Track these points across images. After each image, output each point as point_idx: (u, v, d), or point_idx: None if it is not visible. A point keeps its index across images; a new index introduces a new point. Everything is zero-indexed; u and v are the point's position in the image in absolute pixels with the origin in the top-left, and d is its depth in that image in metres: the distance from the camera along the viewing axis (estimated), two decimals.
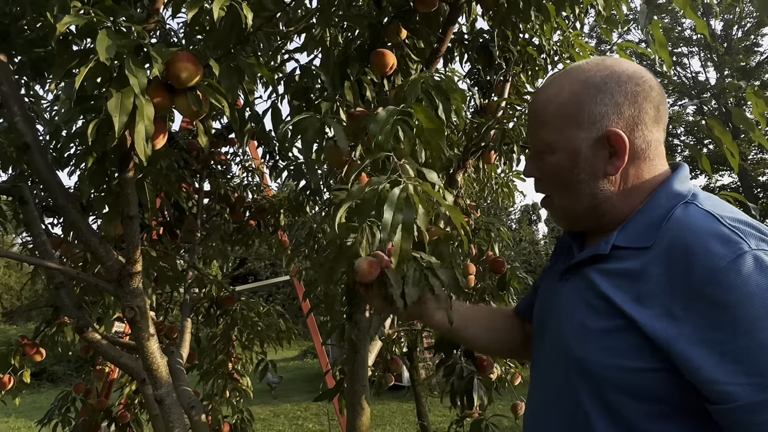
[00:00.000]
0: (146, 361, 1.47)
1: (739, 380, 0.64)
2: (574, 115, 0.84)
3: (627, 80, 0.84)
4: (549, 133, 0.87)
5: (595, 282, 0.82)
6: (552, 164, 0.88)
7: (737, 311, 0.65)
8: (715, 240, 0.70)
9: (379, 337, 2.05)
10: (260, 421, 9.57)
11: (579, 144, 0.84)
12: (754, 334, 0.64)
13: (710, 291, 0.67)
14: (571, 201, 0.89)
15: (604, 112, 0.83)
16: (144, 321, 1.45)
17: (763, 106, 1.50)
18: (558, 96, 0.87)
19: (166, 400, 1.50)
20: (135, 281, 1.42)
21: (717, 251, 0.68)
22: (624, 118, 0.83)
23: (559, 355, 0.86)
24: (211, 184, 3.14)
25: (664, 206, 0.81)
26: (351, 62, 1.54)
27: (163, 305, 2.91)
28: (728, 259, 0.67)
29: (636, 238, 0.80)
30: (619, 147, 0.82)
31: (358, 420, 1.75)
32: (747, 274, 0.66)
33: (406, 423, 8.70)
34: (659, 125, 0.86)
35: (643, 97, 0.84)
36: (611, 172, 0.84)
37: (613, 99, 0.82)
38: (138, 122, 1.07)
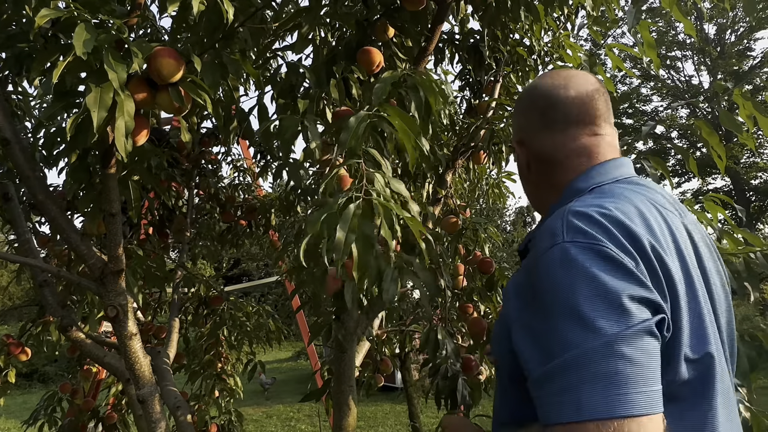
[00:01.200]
0: (128, 360, 1.45)
1: (533, 358, 0.68)
2: (515, 121, 0.99)
3: (525, 95, 0.96)
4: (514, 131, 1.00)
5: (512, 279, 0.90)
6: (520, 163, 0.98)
7: (540, 297, 0.69)
8: (546, 233, 0.73)
9: (367, 338, 2.04)
10: (252, 423, 9.54)
11: (519, 153, 0.96)
12: (548, 320, 0.67)
13: (529, 278, 0.73)
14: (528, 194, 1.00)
15: (521, 124, 0.95)
16: (127, 320, 1.43)
17: (750, 109, 1.50)
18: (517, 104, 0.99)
19: (149, 399, 1.48)
20: (118, 279, 1.40)
21: (542, 244, 0.73)
22: (521, 129, 0.94)
23: None
24: (202, 183, 3.12)
25: (556, 206, 0.85)
26: (338, 60, 1.53)
27: (151, 305, 2.89)
28: (543, 251, 0.71)
29: (527, 239, 0.88)
30: (523, 153, 0.94)
31: (344, 420, 1.74)
32: (549, 265, 0.69)
33: (399, 424, 8.69)
34: (554, 128, 0.89)
35: (527, 106, 0.93)
36: (534, 178, 0.94)
37: (527, 113, 0.93)
38: (118, 118, 1.05)
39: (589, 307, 0.63)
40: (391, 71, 1.31)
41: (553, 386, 0.63)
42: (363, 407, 10.31)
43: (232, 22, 1.13)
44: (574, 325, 0.63)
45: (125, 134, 1.06)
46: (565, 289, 0.66)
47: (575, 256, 0.67)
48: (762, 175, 20.04)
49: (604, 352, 0.61)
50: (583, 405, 0.60)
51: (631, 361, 0.61)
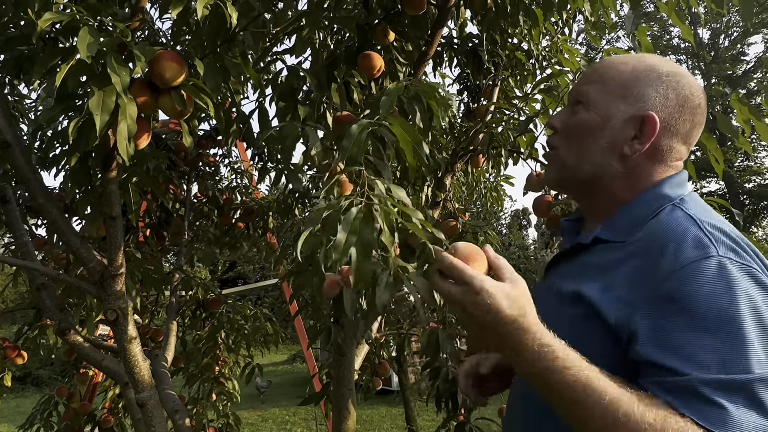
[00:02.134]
0: (128, 364, 1.45)
1: (683, 363, 0.68)
2: (626, 86, 0.88)
3: (686, 86, 0.87)
4: (595, 91, 0.90)
5: (571, 274, 0.87)
6: (582, 119, 0.90)
7: (692, 306, 0.69)
8: (688, 242, 0.73)
9: (366, 341, 2.04)
10: (248, 426, 9.49)
11: (615, 112, 0.87)
12: (691, 333, 0.69)
13: (669, 285, 0.71)
14: (577, 160, 0.91)
15: (653, 97, 0.86)
16: (126, 323, 1.42)
17: (746, 114, 1.52)
18: (621, 65, 0.90)
19: (148, 403, 1.47)
20: (117, 283, 1.40)
21: (687, 252, 0.72)
22: (666, 113, 0.86)
23: None
24: (199, 185, 3.11)
25: (650, 206, 0.84)
26: (338, 64, 1.53)
27: (148, 308, 2.88)
28: (693, 260, 0.71)
29: (616, 233, 0.84)
30: (647, 132, 0.85)
31: (343, 424, 1.74)
32: (705, 276, 0.70)
33: (395, 428, 8.68)
34: (687, 143, 0.89)
35: (691, 109, 0.87)
36: (627, 152, 0.87)
37: (666, 92, 0.86)
38: (120, 121, 1.05)
39: (758, 336, 0.68)
40: (396, 83, 1.31)
41: (728, 397, 0.66)
42: (359, 410, 10.24)
43: (234, 26, 1.13)
44: (747, 348, 0.67)
45: (128, 138, 1.06)
46: (729, 308, 0.68)
47: (734, 274, 0.70)
48: (756, 179, 20.17)
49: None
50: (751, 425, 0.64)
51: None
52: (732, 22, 20.00)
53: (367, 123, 1.10)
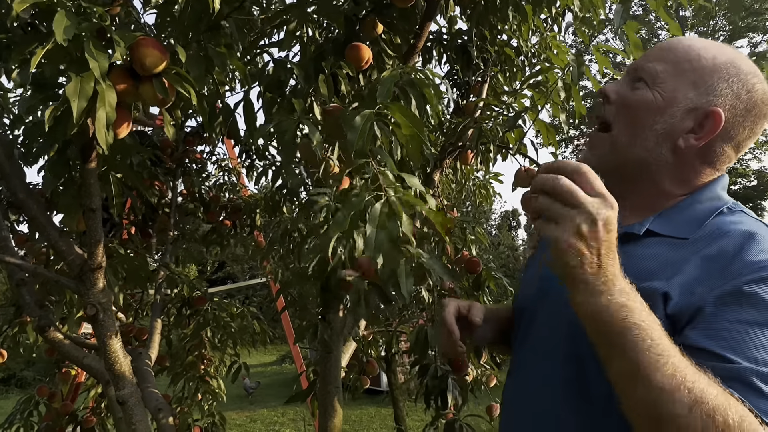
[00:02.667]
0: (108, 360, 1.41)
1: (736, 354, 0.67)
2: (701, 75, 0.81)
3: (760, 91, 0.82)
4: (665, 71, 0.83)
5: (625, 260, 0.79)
6: (643, 97, 0.83)
7: (753, 305, 0.68)
8: (759, 248, 0.72)
9: (353, 338, 2.02)
10: (236, 427, 9.43)
11: (681, 99, 0.81)
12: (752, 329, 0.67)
13: (742, 281, 0.69)
14: (630, 141, 0.84)
15: (725, 94, 0.80)
16: (107, 319, 1.39)
17: None
18: (702, 51, 0.83)
19: (129, 401, 1.44)
20: (97, 277, 1.37)
21: (754, 258, 0.71)
22: (732, 114, 0.81)
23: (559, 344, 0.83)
24: (186, 182, 3.07)
25: (707, 205, 0.81)
26: (326, 56, 1.51)
27: (133, 306, 2.83)
28: (761, 264, 0.70)
29: (675, 228, 0.80)
30: (708, 129, 0.80)
31: (330, 422, 1.72)
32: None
33: (384, 428, 8.66)
34: (738, 151, 0.85)
35: (755, 117, 0.82)
36: (681, 144, 0.82)
37: (738, 91, 0.80)
38: (99, 108, 1.02)
39: None
40: (391, 70, 1.29)
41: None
42: (348, 410, 10.26)
43: (218, 12, 1.10)
44: None
45: (106, 125, 1.03)
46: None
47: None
48: (741, 181, 20.45)
49: None
50: None
51: None
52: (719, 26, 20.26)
53: (370, 113, 1.08)
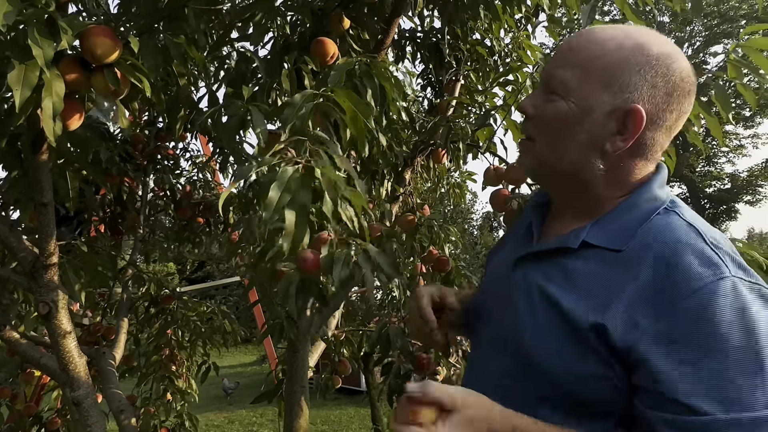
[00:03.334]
0: (62, 360, 1.37)
1: (700, 400, 0.63)
2: (611, 73, 0.75)
3: (677, 71, 0.75)
4: (575, 78, 0.76)
5: (555, 281, 0.78)
6: (558, 110, 0.78)
7: (707, 333, 0.64)
8: (698, 258, 0.68)
9: (321, 338, 2.00)
10: (214, 428, 9.32)
11: (597, 104, 0.75)
12: (707, 360, 0.63)
13: (685, 308, 0.65)
14: (555, 156, 0.80)
15: (640, 87, 0.74)
16: (60, 317, 1.34)
17: (697, 109, 1.53)
18: (606, 44, 0.76)
19: (85, 402, 1.40)
20: (50, 274, 1.32)
21: (699, 271, 0.66)
22: (653, 105, 0.75)
23: (506, 346, 0.82)
24: (157, 179, 3.01)
25: (642, 209, 0.77)
26: (291, 50, 1.48)
27: (100, 305, 2.77)
28: (708, 281, 0.65)
29: (610, 239, 0.76)
30: (632, 128, 0.75)
31: (295, 422, 1.69)
32: (723, 300, 0.64)
33: (363, 428, 8.64)
34: (670, 134, 0.79)
35: (679, 97, 0.76)
36: (609, 149, 0.76)
37: (654, 79, 0.74)
38: (45, 98, 0.98)
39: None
40: (347, 58, 1.27)
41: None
42: (327, 411, 10.22)
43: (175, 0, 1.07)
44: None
45: (53, 116, 0.99)
46: (749, 342, 0.63)
47: (749, 299, 0.65)
48: (716, 184, 20.89)
49: None
50: None
51: None
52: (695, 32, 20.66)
53: (310, 93, 1.06)
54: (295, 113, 1.03)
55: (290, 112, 1.00)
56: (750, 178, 20.09)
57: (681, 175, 19.90)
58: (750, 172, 20.22)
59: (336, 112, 1.13)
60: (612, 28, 0.78)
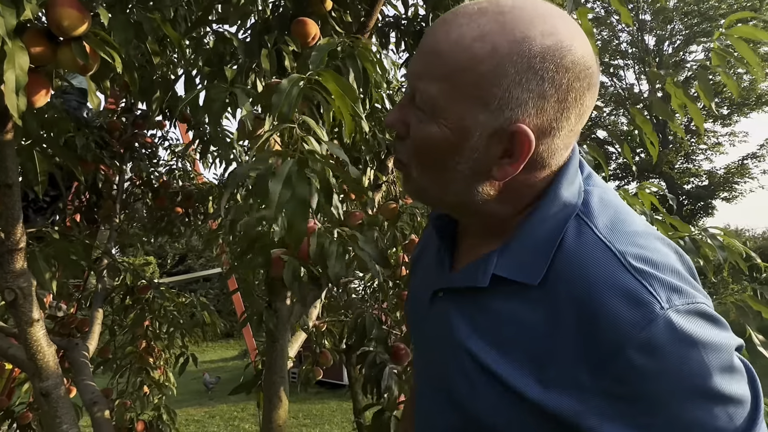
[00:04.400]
0: (30, 349, 1.32)
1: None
2: (486, 87, 0.58)
3: (570, 66, 0.59)
4: (443, 93, 0.60)
5: (480, 334, 0.66)
6: (429, 135, 0.62)
7: (651, 387, 0.55)
8: (621, 300, 0.56)
9: (302, 327, 1.97)
10: (194, 423, 9.24)
11: (474, 126, 0.60)
12: (667, 410, 0.56)
13: (622, 365, 0.56)
14: (436, 187, 0.67)
15: (523, 101, 0.58)
16: (27, 304, 1.29)
17: (681, 97, 1.53)
18: (476, 46, 0.58)
19: (53, 393, 1.34)
20: (16, 259, 1.26)
21: (625, 317, 0.56)
22: (542, 119, 0.60)
23: (449, 402, 0.72)
24: (134, 167, 2.94)
25: (550, 223, 0.64)
26: (272, 30, 1.44)
27: (74, 296, 2.70)
28: (639, 327, 0.55)
29: (523, 270, 0.63)
30: (520, 151, 0.60)
31: (274, 413, 1.66)
32: (660, 347, 0.55)
33: (345, 421, 8.63)
34: (575, 131, 0.64)
35: (578, 94, 0.60)
36: (497, 176, 0.63)
37: (541, 87, 0.58)
38: (7, 70, 0.93)
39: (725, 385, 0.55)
40: (329, 38, 1.24)
41: None
42: (309, 405, 10.20)
43: None
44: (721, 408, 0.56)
45: (16, 90, 0.94)
46: (696, 372, 0.55)
47: (688, 332, 0.55)
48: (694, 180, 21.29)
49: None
50: None
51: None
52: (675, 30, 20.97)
53: (297, 77, 1.02)
54: (284, 99, 1.00)
55: (279, 99, 0.96)
56: (727, 175, 20.50)
57: (660, 171, 20.23)
58: (727, 169, 20.63)
59: (320, 95, 1.10)
60: (482, 14, 0.59)
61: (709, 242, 1.39)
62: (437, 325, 0.73)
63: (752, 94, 19.76)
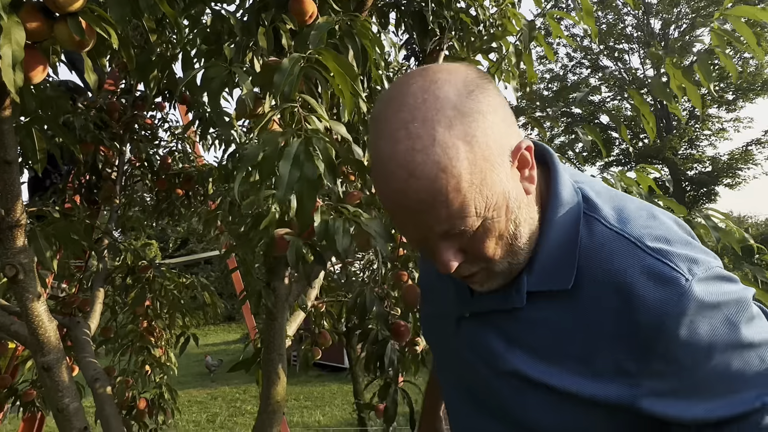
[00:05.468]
0: (31, 324, 1.34)
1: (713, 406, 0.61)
2: (485, 155, 0.60)
3: (485, 90, 0.62)
4: (469, 203, 0.60)
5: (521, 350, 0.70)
6: (485, 232, 0.64)
7: (692, 355, 0.60)
8: (649, 282, 0.61)
9: (300, 307, 1.99)
10: (197, 404, 9.37)
11: (505, 188, 0.62)
12: (708, 372, 0.60)
13: (665, 347, 0.60)
14: (515, 252, 0.68)
15: (502, 133, 0.62)
16: (28, 280, 1.31)
17: (680, 78, 1.53)
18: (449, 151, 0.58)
19: (55, 367, 1.37)
20: (17, 235, 1.28)
21: (657, 296, 0.60)
22: (515, 127, 0.65)
23: (501, 414, 0.75)
24: (134, 148, 2.94)
25: (563, 227, 0.67)
26: (269, 8, 1.44)
27: (76, 276, 2.72)
28: (673, 303, 0.59)
29: (551, 279, 0.67)
30: (528, 156, 0.65)
31: (273, 389, 1.68)
32: (693, 316, 0.59)
33: (346, 404, 8.74)
34: (518, 136, 0.67)
35: (505, 117, 0.64)
36: (530, 189, 0.66)
37: (498, 115, 0.61)
38: (3, 45, 0.93)
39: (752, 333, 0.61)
40: (327, 17, 1.24)
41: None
42: (310, 387, 10.31)
43: None
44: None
45: (12, 65, 0.95)
46: (723, 331, 0.60)
47: (712, 297, 0.60)
48: (697, 167, 21.18)
49: None
50: None
51: None
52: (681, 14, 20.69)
53: (298, 56, 1.03)
54: (285, 79, 1.00)
55: (280, 78, 0.97)
56: (730, 161, 20.39)
57: (663, 157, 20.13)
58: (730, 155, 20.52)
59: (319, 74, 1.10)
60: (414, 138, 0.58)
61: (703, 223, 1.40)
62: (470, 346, 0.76)
63: (758, 79, 19.57)
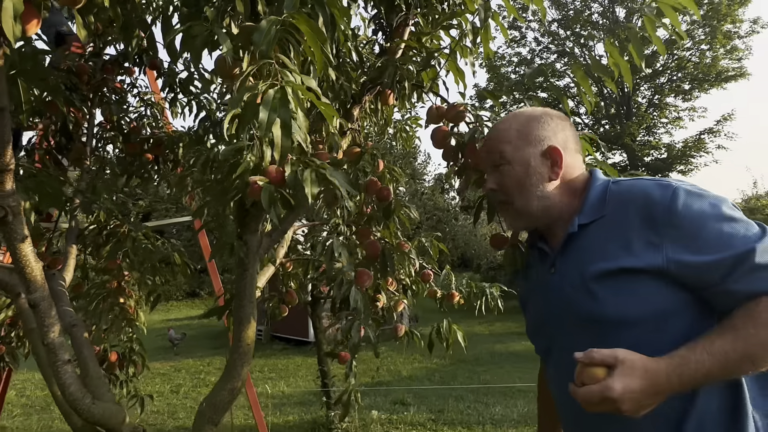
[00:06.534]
0: (19, 264, 1.44)
1: (721, 253, 0.95)
2: (527, 136, 1.18)
3: (554, 117, 1.21)
4: (509, 150, 1.18)
5: (581, 257, 1.09)
6: (512, 174, 1.18)
7: (691, 221, 0.97)
8: (653, 188, 1.03)
9: (270, 261, 2.12)
10: (160, 376, 9.38)
11: (529, 157, 1.16)
12: (706, 231, 0.96)
13: (671, 218, 0.98)
14: (526, 201, 1.17)
15: (546, 135, 1.17)
16: (16, 222, 1.40)
17: (617, 57, 1.72)
18: (512, 125, 1.20)
19: (41, 304, 1.48)
20: (6, 180, 1.37)
21: (661, 193, 1.01)
22: (559, 140, 1.17)
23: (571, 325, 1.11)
24: (104, 111, 2.97)
25: (599, 188, 1.12)
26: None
27: (45, 234, 2.77)
28: (669, 195, 0.99)
29: (593, 213, 1.10)
30: (558, 158, 1.15)
31: (243, 333, 1.83)
32: (685, 199, 0.98)
33: (310, 375, 8.93)
34: (576, 149, 1.21)
35: (564, 129, 1.20)
36: (554, 177, 1.16)
37: (550, 127, 1.18)
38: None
39: (733, 212, 0.99)
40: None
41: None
42: (275, 360, 10.46)
43: None
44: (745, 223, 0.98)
45: (13, 16, 1.04)
46: (714, 210, 0.98)
47: (692, 191, 1.00)
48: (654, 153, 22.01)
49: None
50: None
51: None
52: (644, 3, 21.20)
53: (275, 18, 1.16)
54: (263, 38, 1.14)
55: (259, 37, 1.11)
56: (684, 149, 21.27)
57: (623, 143, 20.82)
58: (684, 143, 21.39)
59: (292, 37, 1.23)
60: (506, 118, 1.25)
61: None
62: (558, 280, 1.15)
63: (712, 70, 20.37)
